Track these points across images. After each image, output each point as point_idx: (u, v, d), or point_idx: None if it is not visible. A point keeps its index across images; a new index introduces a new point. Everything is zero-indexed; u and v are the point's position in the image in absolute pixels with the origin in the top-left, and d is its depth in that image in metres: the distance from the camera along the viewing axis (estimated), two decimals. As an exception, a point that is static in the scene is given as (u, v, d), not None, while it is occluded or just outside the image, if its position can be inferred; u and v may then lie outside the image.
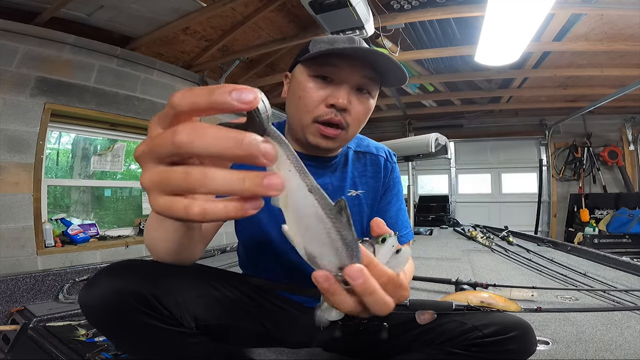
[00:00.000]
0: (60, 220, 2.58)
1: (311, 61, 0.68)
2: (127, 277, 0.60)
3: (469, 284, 1.55)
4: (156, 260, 0.62)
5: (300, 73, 0.70)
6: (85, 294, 0.58)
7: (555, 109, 4.70)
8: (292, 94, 0.72)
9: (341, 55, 0.66)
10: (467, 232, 3.43)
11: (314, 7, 2.03)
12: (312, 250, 0.29)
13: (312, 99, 0.67)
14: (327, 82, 0.68)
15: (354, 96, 0.69)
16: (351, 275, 0.30)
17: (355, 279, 0.30)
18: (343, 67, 0.66)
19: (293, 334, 0.82)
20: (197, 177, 0.22)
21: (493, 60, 2.70)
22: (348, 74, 0.67)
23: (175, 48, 3.01)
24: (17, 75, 2.18)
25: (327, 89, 0.68)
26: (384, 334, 0.74)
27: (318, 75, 0.68)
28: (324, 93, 0.67)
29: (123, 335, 0.63)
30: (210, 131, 0.22)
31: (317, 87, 0.68)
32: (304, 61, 0.69)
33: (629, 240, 3.90)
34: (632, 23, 2.41)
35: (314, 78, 0.68)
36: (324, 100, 0.67)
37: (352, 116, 0.69)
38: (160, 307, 0.61)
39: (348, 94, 0.67)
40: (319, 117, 0.68)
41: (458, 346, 0.69)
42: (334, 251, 0.29)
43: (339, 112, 0.67)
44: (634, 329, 1.18)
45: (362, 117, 0.71)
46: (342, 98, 0.66)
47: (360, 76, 0.68)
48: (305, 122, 0.69)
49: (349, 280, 0.30)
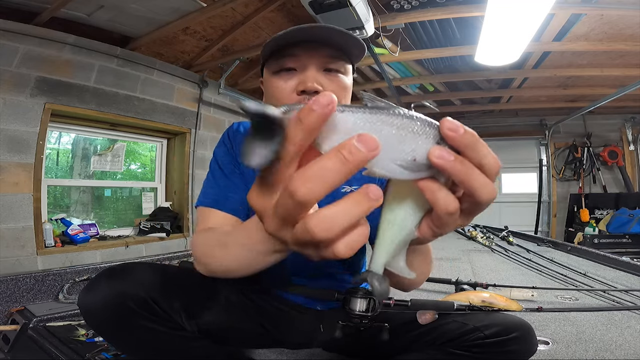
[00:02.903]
0: (60, 220, 2.57)
1: (271, 59, 0.70)
2: (127, 280, 0.60)
3: (469, 284, 1.55)
4: (154, 263, 0.62)
5: (267, 74, 0.72)
6: (85, 297, 0.58)
7: (555, 109, 4.70)
8: (267, 96, 0.73)
9: (296, 44, 0.66)
10: (467, 232, 3.43)
11: (314, 7, 2.03)
12: (397, 157, 0.27)
13: (283, 91, 0.68)
14: (292, 73, 0.69)
15: (323, 77, 0.68)
16: (451, 128, 0.27)
17: (457, 130, 0.27)
18: (301, 54, 0.67)
19: (293, 335, 0.82)
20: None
21: (493, 60, 2.70)
22: (308, 59, 0.67)
23: (175, 48, 3.01)
24: (17, 75, 2.18)
25: (293, 79, 0.68)
26: (385, 334, 0.74)
27: (281, 69, 0.69)
28: (292, 83, 0.68)
29: (124, 339, 0.62)
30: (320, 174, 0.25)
31: (284, 80, 0.69)
32: (266, 63, 0.71)
33: (629, 240, 3.90)
34: (632, 23, 2.41)
35: (278, 74, 0.69)
36: (294, 89, 0.68)
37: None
38: (160, 311, 0.61)
39: (315, 76, 0.67)
40: None
41: (459, 347, 0.69)
42: (413, 137, 0.27)
43: (311, 96, 0.67)
44: (634, 329, 1.18)
45: (339, 94, 0.70)
46: (309, 81, 0.66)
47: (321, 56, 0.68)
48: None
49: (450, 135, 0.27)
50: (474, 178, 0.28)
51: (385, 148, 0.26)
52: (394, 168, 0.28)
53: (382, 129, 0.26)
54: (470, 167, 0.28)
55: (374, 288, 0.35)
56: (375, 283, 0.34)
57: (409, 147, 0.27)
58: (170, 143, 3.47)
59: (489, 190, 0.29)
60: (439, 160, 0.27)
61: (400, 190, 0.32)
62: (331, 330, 0.77)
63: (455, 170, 0.27)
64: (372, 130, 0.26)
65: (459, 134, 0.27)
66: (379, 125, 0.26)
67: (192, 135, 3.38)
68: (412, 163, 0.28)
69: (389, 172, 0.28)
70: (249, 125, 0.25)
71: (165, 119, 3.12)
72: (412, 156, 0.27)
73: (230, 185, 0.74)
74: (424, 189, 0.29)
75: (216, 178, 0.76)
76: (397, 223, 0.32)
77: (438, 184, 0.29)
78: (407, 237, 0.33)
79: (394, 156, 0.27)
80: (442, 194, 0.29)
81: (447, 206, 0.29)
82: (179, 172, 3.38)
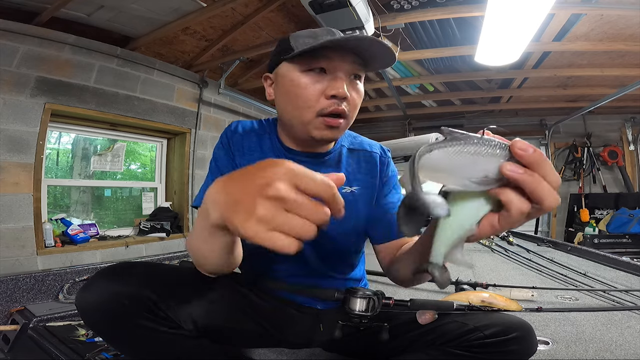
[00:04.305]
0: (60, 220, 2.57)
1: (300, 57, 0.67)
2: (125, 279, 0.60)
3: (469, 284, 1.55)
4: (153, 262, 0.62)
5: (288, 70, 0.69)
6: (82, 297, 0.58)
7: (555, 109, 4.70)
8: (285, 93, 0.71)
9: (330, 48, 0.66)
10: (467, 232, 3.42)
11: (314, 7, 2.03)
12: (471, 175, 0.35)
13: (311, 93, 0.67)
14: (322, 75, 0.67)
15: (350, 84, 0.69)
16: (522, 148, 0.34)
17: (527, 150, 0.34)
18: (334, 57, 0.66)
19: (293, 334, 0.82)
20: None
21: (493, 60, 2.70)
22: (340, 64, 0.67)
23: (175, 48, 3.01)
24: (17, 75, 2.18)
25: (322, 82, 0.67)
26: (384, 334, 0.74)
27: (311, 69, 0.67)
28: (320, 86, 0.67)
29: (122, 339, 0.62)
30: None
31: (312, 81, 0.67)
32: (293, 59, 0.68)
33: (629, 240, 3.89)
34: (632, 23, 2.41)
35: (306, 73, 0.67)
36: (322, 92, 0.67)
37: (350, 104, 0.69)
38: (158, 310, 0.61)
39: (345, 82, 0.67)
40: (322, 110, 0.67)
41: (459, 347, 0.69)
42: (485, 159, 0.35)
43: (340, 101, 0.67)
44: (634, 329, 1.18)
45: (358, 103, 0.72)
46: (342, 88, 0.66)
47: (351, 63, 0.68)
48: (307, 118, 0.68)
49: (520, 153, 0.35)
50: (542, 187, 0.35)
51: (461, 169, 0.35)
52: (468, 184, 0.35)
53: (458, 157, 0.35)
54: (538, 178, 0.35)
55: (435, 278, 0.42)
56: (436, 273, 0.41)
57: (481, 167, 0.35)
58: (170, 143, 3.47)
59: (554, 197, 0.36)
60: (512, 173, 0.34)
61: (464, 195, 0.39)
62: (331, 330, 0.78)
63: (528, 181, 0.34)
64: (450, 160, 0.35)
65: (529, 152, 0.34)
66: (455, 155, 0.35)
67: (192, 135, 3.38)
68: (483, 179, 0.35)
69: (464, 187, 0.36)
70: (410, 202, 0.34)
71: (165, 119, 3.12)
72: (484, 174, 0.35)
73: None
74: (499, 193, 0.36)
75: (215, 177, 0.76)
76: (458, 220, 0.39)
77: (511, 189, 0.36)
78: (467, 233, 0.39)
79: (469, 175, 0.35)
80: (516, 196, 0.36)
81: (522, 206, 0.36)
82: (179, 172, 3.38)
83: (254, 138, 0.80)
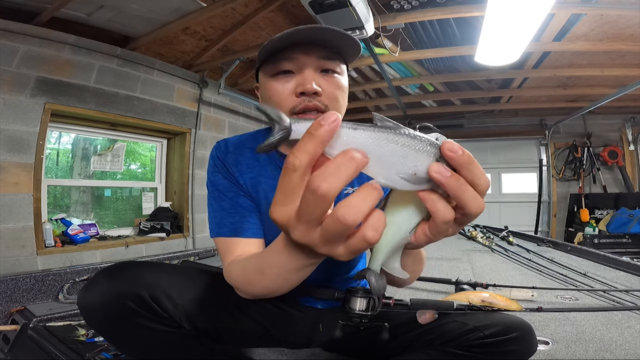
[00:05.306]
0: (60, 220, 2.57)
1: (267, 63, 0.70)
2: (126, 279, 0.60)
3: (469, 284, 1.55)
4: (154, 262, 0.62)
5: (263, 78, 0.72)
6: (83, 297, 0.58)
7: (555, 109, 4.70)
8: (264, 100, 0.73)
9: (292, 47, 0.66)
10: (467, 232, 3.43)
11: (314, 7, 2.03)
12: (400, 170, 0.32)
13: (281, 94, 0.68)
14: (290, 76, 0.69)
15: (321, 78, 0.69)
16: (451, 149, 0.32)
17: (456, 151, 0.32)
18: (297, 56, 0.67)
19: (293, 334, 0.82)
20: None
21: (493, 60, 2.70)
22: (305, 60, 0.67)
23: (175, 48, 3.01)
24: (17, 75, 2.18)
25: (291, 82, 0.68)
26: (384, 334, 0.74)
27: (278, 72, 0.69)
28: (290, 85, 0.68)
29: (123, 338, 0.62)
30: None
31: (281, 82, 0.69)
32: (262, 67, 0.71)
33: (629, 240, 3.90)
34: (632, 23, 2.41)
35: (275, 77, 0.69)
36: (293, 91, 0.68)
37: (326, 96, 0.69)
38: (159, 310, 0.61)
39: (313, 77, 0.67)
40: (294, 109, 0.68)
41: (459, 347, 0.69)
42: (415, 154, 0.32)
43: (311, 97, 0.67)
44: (634, 329, 1.18)
45: (337, 94, 0.71)
46: (308, 83, 0.66)
47: (318, 57, 0.68)
48: None
49: (449, 155, 0.32)
50: (466, 192, 0.33)
51: (390, 162, 0.32)
52: (397, 180, 0.32)
53: (387, 146, 0.31)
54: (463, 183, 0.33)
55: (371, 284, 0.40)
56: (372, 280, 0.39)
57: (411, 163, 0.32)
58: (170, 143, 3.47)
59: (478, 204, 0.34)
60: (437, 175, 0.31)
61: (398, 200, 0.37)
62: (331, 330, 0.77)
63: (450, 185, 0.32)
64: (379, 147, 0.31)
65: (457, 154, 0.32)
66: (385, 143, 0.31)
67: (192, 135, 3.38)
68: (413, 176, 0.32)
69: (393, 183, 0.32)
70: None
71: (165, 119, 3.12)
72: (414, 171, 0.32)
73: (240, 209, 0.73)
74: (424, 198, 0.33)
75: (223, 205, 0.74)
76: (393, 228, 0.37)
77: (438, 195, 0.33)
78: (402, 241, 0.38)
79: (398, 170, 0.32)
80: (441, 204, 0.33)
81: (445, 215, 0.34)
82: (179, 172, 3.38)
83: (248, 153, 0.79)
